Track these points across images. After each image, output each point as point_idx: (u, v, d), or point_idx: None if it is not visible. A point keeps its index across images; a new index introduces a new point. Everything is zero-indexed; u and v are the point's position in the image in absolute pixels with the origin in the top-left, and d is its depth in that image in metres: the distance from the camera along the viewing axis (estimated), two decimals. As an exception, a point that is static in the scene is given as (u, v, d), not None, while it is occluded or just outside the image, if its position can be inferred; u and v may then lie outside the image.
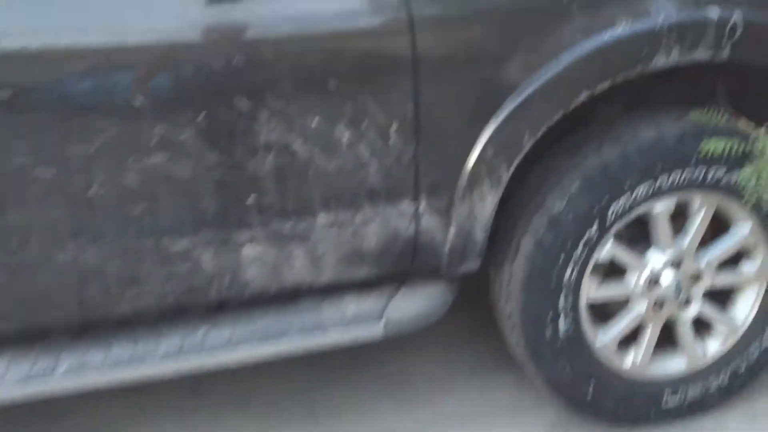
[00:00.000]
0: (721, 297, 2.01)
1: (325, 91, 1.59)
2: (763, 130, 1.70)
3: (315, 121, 1.60)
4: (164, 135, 1.54)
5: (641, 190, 1.80)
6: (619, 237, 1.89)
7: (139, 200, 1.58)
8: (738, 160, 1.76)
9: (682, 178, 1.81)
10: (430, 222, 1.75)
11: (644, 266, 1.90)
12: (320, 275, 1.73)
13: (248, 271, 1.68)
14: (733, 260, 1.97)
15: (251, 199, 1.63)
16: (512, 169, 1.74)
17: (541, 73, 1.66)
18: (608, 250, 1.86)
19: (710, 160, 1.77)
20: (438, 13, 1.62)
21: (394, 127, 1.63)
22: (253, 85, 1.56)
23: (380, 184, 1.67)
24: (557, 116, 1.70)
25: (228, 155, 1.59)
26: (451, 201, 1.74)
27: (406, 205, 1.72)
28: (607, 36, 1.66)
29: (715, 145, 1.69)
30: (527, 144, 1.72)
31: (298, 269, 1.71)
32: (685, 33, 1.68)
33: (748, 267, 1.97)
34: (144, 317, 1.70)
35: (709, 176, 1.82)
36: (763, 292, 1.99)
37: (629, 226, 1.87)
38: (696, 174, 1.81)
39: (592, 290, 1.89)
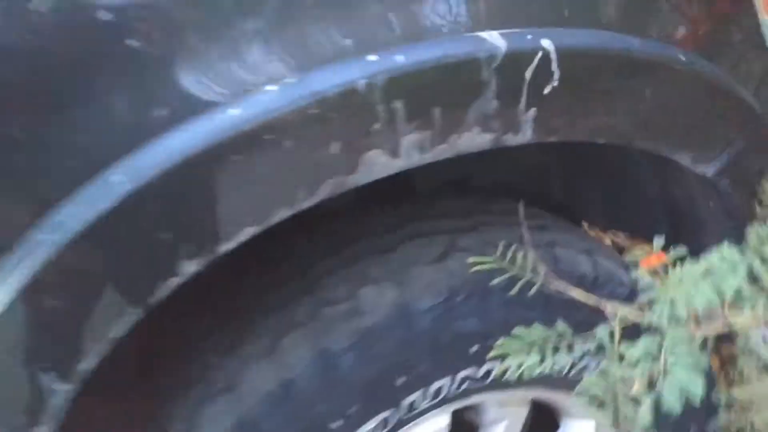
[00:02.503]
0: None
1: None
2: (610, 305, 0.74)
3: None
4: None
5: (374, 425, 0.83)
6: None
7: None
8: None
9: (458, 381, 0.86)
10: None
11: None
12: None
13: None
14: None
15: None
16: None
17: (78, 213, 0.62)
18: None
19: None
20: None
21: None
22: None
23: None
24: (154, 299, 0.67)
25: None
26: None
27: None
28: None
29: (515, 359, 0.72)
30: (92, 357, 0.67)
31: None
32: (429, 94, 0.69)
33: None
34: None
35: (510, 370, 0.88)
36: None
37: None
38: (484, 371, 0.86)
39: None
